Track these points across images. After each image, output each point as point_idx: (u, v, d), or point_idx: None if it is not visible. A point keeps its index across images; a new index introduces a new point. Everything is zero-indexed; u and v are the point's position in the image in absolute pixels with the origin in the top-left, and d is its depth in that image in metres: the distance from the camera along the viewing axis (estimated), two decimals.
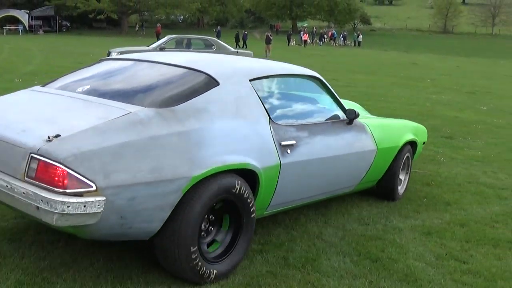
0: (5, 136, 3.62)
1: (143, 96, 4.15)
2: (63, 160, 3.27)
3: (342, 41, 69.48)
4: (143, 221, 3.62)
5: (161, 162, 3.61)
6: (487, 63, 47.59)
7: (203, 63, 4.76)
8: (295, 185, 4.82)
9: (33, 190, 3.29)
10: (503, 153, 10.09)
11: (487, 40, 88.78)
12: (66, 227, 3.34)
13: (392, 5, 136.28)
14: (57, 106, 4.19)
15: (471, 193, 7.22)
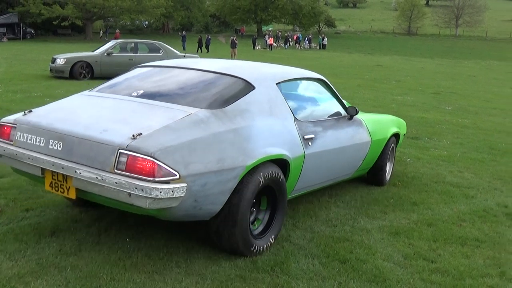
0: (89, 135, 4.23)
1: (196, 99, 4.83)
2: (153, 154, 3.92)
3: (307, 44, 69.78)
4: (210, 204, 4.34)
5: (224, 154, 4.35)
6: (451, 64, 48.29)
7: (238, 69, 5.50)
8: (313, 173, 5.64)
9: (126, 180, 3.91)
10: (469, 153, 10.22)
11: (451, 41, 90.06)
12: (154, 209, 3.99)
13: (356, 8, 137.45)
14: (124, 109, 4.77)
15: (438, 193, 7.30)
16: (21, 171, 4.78)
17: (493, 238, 5.72)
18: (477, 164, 9.28)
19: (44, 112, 4.94)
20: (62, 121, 4.60)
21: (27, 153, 4.52)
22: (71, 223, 5.34)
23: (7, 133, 4.81)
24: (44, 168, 4.44)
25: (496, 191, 7.64)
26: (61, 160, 4.29)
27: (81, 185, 4.21)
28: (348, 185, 7.39)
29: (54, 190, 4.51)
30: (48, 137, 4.45)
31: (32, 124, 4.67)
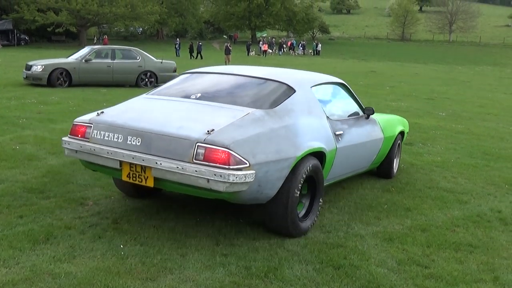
0: (167, 132, 4.96)
1: (250, 101, 5.65)
2: (228, 146, 4.69)
3: (301, 51, 69.98)
4: (269, 189, 5.08)
5: (280, 146, 5.12)
6: (445, 69, 48.47)
7: (280, 75, 6.30)
8: (341, 164, 6.43)
9: (205, 168, 4.63)
10: (462, 158, 10.25)
11: (445, 47, 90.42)
12: (228, 193, 4.75)
13: (350, 14, 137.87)
14: (189, 109, 5.53)
15: (432, 198, 7.31)
16: (96, 165, 5.49)
17: (487, 243, 5.73)
18: (471, 169, 9.30)
19: (116, 113, 5.61)
20: (137, 120, 5.33)
21: (106, 148, 5.21)
22: (65, 230, 5.33)
23: (82, 132, 5.51)
24: (122, 161, 5.13)
25: (490, 196, 7.65)
26: (140, 153, 5.00)
27: (160, 174, 4.91)
28: (342, 191, 7.40)
29: (132, 180, 5.20)
30: (126, 134, 5.16)
31: (108, 123, 5.37)
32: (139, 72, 21.05)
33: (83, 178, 7.27)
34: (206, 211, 6.18)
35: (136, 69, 21.05)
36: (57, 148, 8.99)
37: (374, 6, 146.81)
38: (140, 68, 21.08)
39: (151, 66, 21.33)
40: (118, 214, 5.89)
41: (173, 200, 6.55)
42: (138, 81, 21.08)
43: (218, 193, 4.80)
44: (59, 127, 11.12)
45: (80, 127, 5.57)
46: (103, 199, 6.44)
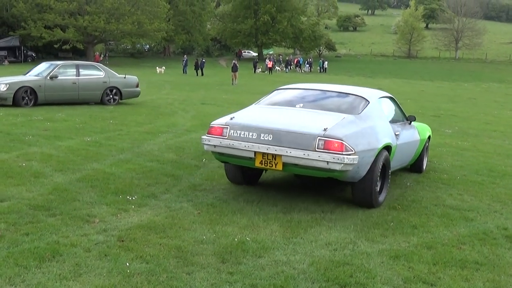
0: (294, 130, 7.00)
1: (341, 109, 7.85)
2: (342, 138, 6.75)
3: (308, 68, 70.10)
4: (362, 170, 7.07)
5: (369, 140, 7.18)
6: (451, 86, 48.47)
7: (356, 91, 8.53)
8: (397, 157, 8.46)
9: (326, 154, 6.68)
10: (468, 175, 10.22)
11: (451, 64, 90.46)
12: (340, 172, 6.73)
13: (357, 31, 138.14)
14: (301, 114, 7.65)
15: (438, 216, 7.29)
16: (229, 156, 7.42)
17: (493, 260, 5.71)
18: (477, 186, 9.28)
19: (245, 117, 7.62)
20: (266, 122, 7.31)
21: (243, 143, 7.15)
22: (71, 248, 5.34)
23: (219, 132, 7.43)
24: (256, 152, 7.07)
25: (496, 213, 7.63)
26: (273, 146, 6.97)
27: (289, 160, 6.89)
28: (348, 209, 7.39)
29: (263, 166, 7.13)
30: (259, 132, 7.13)
31: (243, 124, 7.32)
32: (104, 88, 19.86)
33: (89, 196, 7.29)
34: (211, 229, 6.18)
35: (101, 85, 19.85)
36: (63, 165, 9.03)
37: (380, 23, 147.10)
38: (105, 84, 19.90)
39: (115, 82, 20.23)
40: (123, 232, 5.90)
41: (178, 218, 6.55)
42: (103, 98, 19.88)
43: (333, 172, 6.82)
44: (65, 144, 11.16)
45: (217, 128, 7.49)
46: (109, 216, 6.46)
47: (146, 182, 8.23)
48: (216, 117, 16.05)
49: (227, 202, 7.35)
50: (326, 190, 8.42)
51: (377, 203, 7.45)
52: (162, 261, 5.14)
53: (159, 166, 9.39)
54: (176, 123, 15.24)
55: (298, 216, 6.91)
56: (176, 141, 12.12)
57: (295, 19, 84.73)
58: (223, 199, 7.48)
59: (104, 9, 64.50)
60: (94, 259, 5.09)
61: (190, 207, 7.04)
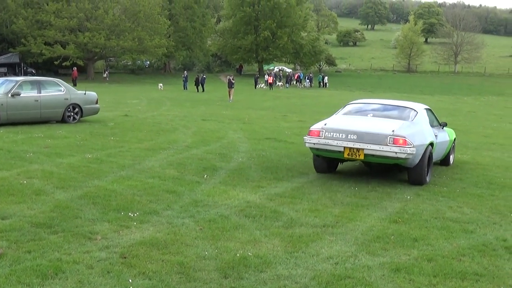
0: (372, 131, 9.92)
1: (400, 116, 10.91)
2: (405, 136, 9.75)
3: (308, 83, 70.25)
4: (416, 159, 9.93)
5: (421, 138, 10.15)
6: (451, 100, 48.56)
7: (407, 104, 11.78)
8: (436, 152, 11.24)
9: (395, 147, 9.65)
10: (468, 188, 10.27)
11: (450, 78, 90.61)
12: (404, 159, 9.74)
13: (357, 46, 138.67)
14: (374, 121, 10.64)
15: (438, 228, 7.32)
16: (324, 151, 10.43)
17: (493, 272, 5.73)
18: (476, 199, 9.32)
19: (335, 123, 10.61)
20: (351, 126, 10.30)
21: (336, 142, 10.13)
22: (73, 265, 5.37)
23: (317, 133, 10.42)
24: (345, 147, 10.04)
25: (495, 225, 7.67)
26: (357, 143, 9.95)
27: (369, 152, 9.88)
28: (349, 222, 7.42)
29: (350, 157, 10.14)
30: (347, 134, 10.10)
31: (334, 128, 10.30)
32: (66, 105, 18.61)
33: (91, 213, 7.32)
34: (213, 244, 6.21)
35: (63, 102, 18.60)
36: (64, 183, 9.06)
37: (380, 38, 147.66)
38: (66, 101, 18.67)
39: (76, 98, 19.02)
40: (126, 249, 5.93)
41: (180, 234, 6.58)
42: (64, 116, 18.66)
43: (399, 159, 9.85)
44: (66, 161, 11.20)
45: (315, 131, 10.50)
46: (111, 233, 6.49)
47: (148, 198, 8.27)
48: (216, 133, 16.04)
49: (229, 218, 7.38)
50: (327, 205, 8.45)
51: (426, 182, 10.45)
52: (165, 277, 5.16)
53: (160, 183, 9.43)
54: (177, 140, 15.29)
55: (299, 230, 6.94)
56: (177, 158, 12.16)
57: (295, 35, 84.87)
58: (224, 215, 7.51)
59: (105, 25, 64.72)
60: (96, 276, 5.11)
61: (191, 223, 7.07)
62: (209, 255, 5.83)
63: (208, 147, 14.14)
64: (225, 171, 10.83)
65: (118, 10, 68.73)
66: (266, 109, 29.99)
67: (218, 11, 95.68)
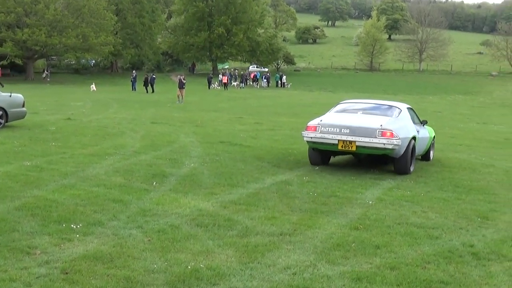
0: (363, 126, 12.03)
1: (386, 113, 12.98)
2: (392, 130, 11.83)
3: (265, 83, 70.45)
4: (401, 150, 12.03)
5: (405, 132, 12.26)
6: (416, 99, 49.27)
7: (391, 103, 14.08)
8: (417, 147, 12.95)
9: (383, 139, 11.74)
10: (433, 192, 10.45)
11: (415, 76, 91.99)
12: (391, 149, 11.83)
13: (316, 44, 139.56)
14: (363, 117, 12.75)
15: (401, 235, 7.42)
16: (320, 144, 12.41)
17: (459, 279, 5.84)
18: (442, 203, 9.50)
19: (329, 120, 12.49)
20: (343, 122, 12.25)
21: (331, 135, 12.06)
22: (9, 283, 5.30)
23: (314, 128, 12.34)
24: (339, 139, 11.94)
25: (462, 230, 7.82)
26: (350, 136, 11.87)
27: (360, 144, 11.82)
28: (307, 230, 7.47)
29: (343, 149, 12.08)
30: (340, 128, 12.04)
31: (329, 124, 12.25)
32: None
33: (29, 225, 7.19)
34: (163, 257, 6.17)
35: None
36: (0, 193, 8.88)
37: (341, 35, 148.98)
38: None
39: (1, 101, 17.89)
40: (68, 264, 5.84)
41: (127, 246, 6.53)
42: None
43: (386, 150, 11.83)
44: (2, 169, 10.94)
45: (312, 126, 12.47)
46: (51, 247, 6.39)
47: (92, 208, 8.17)
48: (167, 137, 15.98)
49: (179, 228, 7.35)
50: (284, 212, 8.48)
51: (409, 172, 12.44)
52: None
53: (105, 191, 9.33)
54: (125, 144, 15.17)
55: (255, 239, 6.95)
56: (124, 164, 12.06)
57: (252, 32, 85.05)
58: (175, 225, 7.48)
59: (45, 21, 63.67)
60: None
61: (139, 234, 7.01)
62: (158, 268, 5.79)
63: (158, 152, 14.08)
64: (175, 177, 10.79)
65: (61, 5, 67.72)
66: (220, 111, 30.01)
67: (169, 6, 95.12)
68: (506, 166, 14.33)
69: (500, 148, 18.89)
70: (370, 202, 9.35)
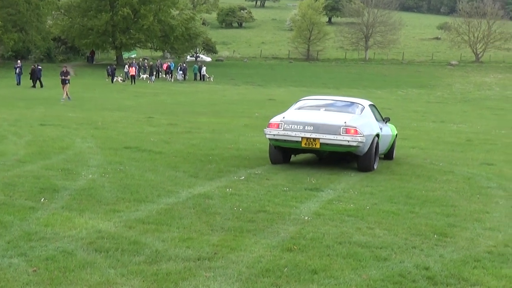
0: (327, 123, 14.08)
1: (349, 110, 15.37)
2: (356, 127, 13.91)
3: (181, 76, 70.28)
4: (365, 147, 14.04)
5: (370, 129, 14.41)
6: (361, 94, 49.93)
7: (353, 99, 16.96)
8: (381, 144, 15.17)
9: (347, 136, 13.71)
10: (381, 204, 10.61)
11: (360, 67, 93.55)
12: (355, 147, 13.78)
13: (243, 28, 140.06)
14: (326, 114, 14.92)
15: (343, 256, 7.48)
16: (283, 141, 14.24)
17: None
18: (391, 217, 9.64)
19: (292, 117, 14.52)
20: (307, 119, 14.33)
21: (294, 133, 13.96)
22: None
23: (276, 125, 14.24)
24: (303, 137, 13.85)
25: (415, 249, 7.94)
26: (313, 133, 13.81)
27: (324, 141, 13.74)
28: (230, 253, 7.45)
29: (307, 146, 13.95)
30: (304, 125, 14.01)
31: (292, 121, 14.21)
32: None
33: None
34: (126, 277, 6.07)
35: None
36: None
37: (272, 18, 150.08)
38: None
39: None
40: None
41: (7, 279, 6.38)
42: None
43: (350, 147, 13.67)
44: None
45: (274, 124, 14.21)
46: None
47: None
48: (59, 142, 15.81)
49: (73, 254, 7.22)
50: (202, 232, 8.46)
51: (373, 169, 14.38)
52: None
53: None
54: (5, 152, 14.87)
55: (167, 266, 6.90)
56: (4, 176, 11.81)
57: (164, 13, 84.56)
58: (68, 250, 7.34)
59: None
60: None
61: (22, 263, 6.86)
62: None
63: (48, 161, 13.89)
64: (69, 192, 10.64)
65: None
66: (126, 110, 29.83)
67: None
68: (467, 172, 14.71)
69: (461, 151, 19.40)
70: (306, 217, 9.40)
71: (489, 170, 15.38)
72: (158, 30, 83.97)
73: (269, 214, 9.55)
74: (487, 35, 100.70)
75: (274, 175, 13.18)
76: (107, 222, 8.71)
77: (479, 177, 14.19)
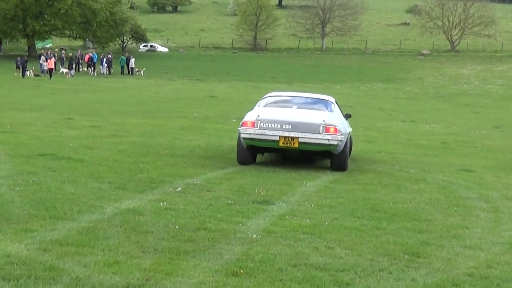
0: (305, 121, 16.16)
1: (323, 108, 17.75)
2: (335, 125, 16.24)
3: (105, 69, 69.92)
4: (342, 146, 16.24)
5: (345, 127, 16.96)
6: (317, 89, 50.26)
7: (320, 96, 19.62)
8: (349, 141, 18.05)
9: (328, 135, 15.88)
10: (341, 219, 10.62)
11: (316, 58, 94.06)
12: (334, 146, 15.87)
13: (178, 13, 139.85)
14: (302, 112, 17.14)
15: (298, 281, 7.46)
16: (258, 141, 15.88)
17: None
18: (354, 234, 9.65)
19: (267, 114, 16.37)
20: (284, 117, 16.18)
21: (271, 132, 15.70)
22: None
23: (252, 124, 15.95)
24: (280, 136, 15.61)
25: (382, 272, 7.95)
26: (292, 132, 15.67)
27: (303, 140, 15.66)
28: (165, 279, 7.39)
29: (285, 145, 15.75)
30: (281, 124, 15.78)
31: (268, 119, 15.97)
32: None
33: None
34: None
35: None
36: None
37: (212, 1, 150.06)
38: None
39: None
40: None
41: None
42: None
43: (330, 146, 15.70)
44: None
45: (249, 122, 15.86)
46: None
47: None
48: None
49: None
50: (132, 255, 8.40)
51: (347, 168, 16.18)
52: None
53: None
54: None
55: None
56: None
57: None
58: None
59: None
60: None
61: None
62: None
63: None
64: None
65: None
66: (40, 110, 29.57)
67: None
68: (443, 180, 14.90)
69: (435, 156, 19.65)
70: (254, 235, 9.38)
71: (467, 177, 15.60)
72: (78, 15, 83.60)
73: (211, 232, 9.50)
74: (464, 19, 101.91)
75: (217, 186, 13.13)
76: (18, 244, 8.57)
77: (456, 186, 14.39)
